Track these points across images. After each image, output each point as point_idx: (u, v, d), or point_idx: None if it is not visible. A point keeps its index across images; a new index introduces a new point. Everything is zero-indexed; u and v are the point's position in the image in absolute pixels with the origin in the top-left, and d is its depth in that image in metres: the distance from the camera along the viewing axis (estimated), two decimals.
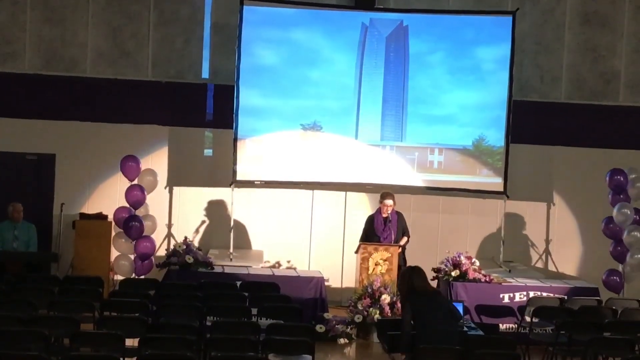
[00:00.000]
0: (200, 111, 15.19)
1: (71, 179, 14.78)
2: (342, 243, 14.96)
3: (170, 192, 14.99)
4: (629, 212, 13.79)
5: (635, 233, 13.78)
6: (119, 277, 13.48)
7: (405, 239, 13.62)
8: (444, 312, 9.29)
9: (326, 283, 13.48)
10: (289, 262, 14.68)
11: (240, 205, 14.94)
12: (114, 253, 13.92)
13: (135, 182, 13.83)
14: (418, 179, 14.85)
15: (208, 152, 15.28)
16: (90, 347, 9.37)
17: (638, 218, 13.86)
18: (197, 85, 15.17)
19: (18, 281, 11.81)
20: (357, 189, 15.04)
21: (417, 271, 9.62)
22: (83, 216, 14.32)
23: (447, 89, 14.82)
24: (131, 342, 9.46)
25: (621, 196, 14.00)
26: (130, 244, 13.62)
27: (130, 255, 13.67)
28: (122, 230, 13.60)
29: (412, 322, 9.30)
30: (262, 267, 14.02)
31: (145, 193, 13.83)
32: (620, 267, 13.97)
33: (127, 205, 13.66)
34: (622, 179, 13.98)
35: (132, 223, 13.59)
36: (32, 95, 14.90)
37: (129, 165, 13.82)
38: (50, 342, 9.23)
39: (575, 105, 15.51)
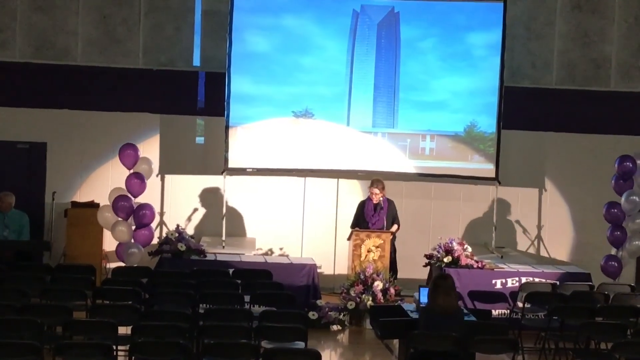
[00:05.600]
0: (191, 99, 15.16)
1: (63, 167, 14.76)
2: (335, 230, 14.97)
3: (162, 180, 14.97)
4: (637, 200, 13.75)
5: None
6: (111, 265, 13.47)
7: (395, 226, 13.63)
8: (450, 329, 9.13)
9: (319, 270, 13.49)
10: (281, 249, 14.69)
11: (232, 192, 14.93)
12: (108, 242, 13.89)
13: (132, 170, 13.77)
14: (410, 166, 14.86)
15: (200, 139, 15.26)
16: (83, 335, 9.38)
17: None
18: (188, 72, 15.14)
19: (10, 270, 11.79)
20: (349, 176, 15.03)
21: (444, 286, 9.19)
22: (75, 204, 14.31)
23: (438, 75, 14.81)
24: (124, 330, 9.46)
25: (627, 182, 13.93)
26: (130, 232, 13.52)
27: (137, 244, 13.56)
28: (121, 219, 13.51)
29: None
30: (254, 255, 14.02)
31: (146, 181, 13.78)
32: (615, 252, 13.96)
33: (127, 193, 13.58)
34: (630, 165, 13.90)
35: (142, 212, 13.51)
36: (22, 84, 14.86)
37: (127, 153, 13.75)
38: (43, 330, 9.21)
39: (566, 91, 15.52)
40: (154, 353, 8.56)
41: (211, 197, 14.98)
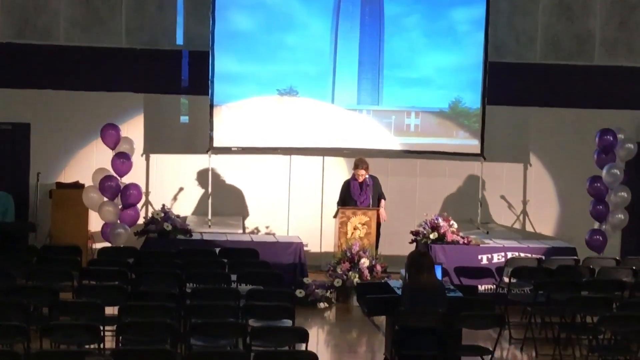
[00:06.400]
0: (175, 78, 15.10)
1: (46, 148, 14.69)
2: (321, 208, 14.97)
3: (147, 159, 14.92)
4: (618, 173, 13.80)
5: (622, 193, 13.83)
6: (97, 246, 13.44)
7: (383, 202, 13.65)
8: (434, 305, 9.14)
9: (305, 248, 13.49)
10: (267, 227, 14.70)
11: (218, 171, 14.91)
12: (94, 222, 13.86)
13: (115, 150, 13.71)
14: (395, 143, 14.85)
15: (184, 119, 15.21)
16: (69, 316, 9.36)
17: (625, 179, 13.89)
18: (171, 51, 15.06)
19: None
20: (335, 154, 15.02)
21: (426, 263, 9.21)
22: (60, 185, 14.26)
23: (422, 51, 14.79)
24: (111, 311, 9.46)
25: (608, 156, 13.99)
26: (117, 212, 13.48)
27: (124, 224, 13.51)
28: (107, 199, 13.46)
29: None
30: (240, 234, 14.01)
31: (132, 160, 13.73)
32: (598, 226, 14.02)
33: (112, 173, 13.52)
34: (611, 138, 13.95)
35: (128, 192, 13.46)
36: (5, 64, 14.75)
37: (109, 133, 13.70)
38: (29, 311, 9.21)
39: (550, 66, 15.52)
40: (141, 333, 8.56)
41: (196, 177, 14.96)
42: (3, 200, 13.76)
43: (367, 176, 13.52)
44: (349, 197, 13.55)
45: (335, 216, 13.47)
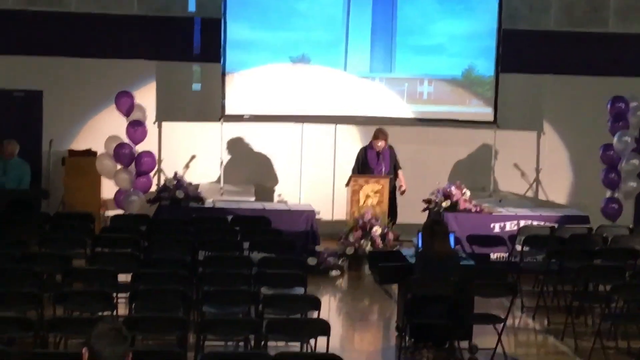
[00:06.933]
0: (187, 45, 15.06)
1: (59, 115, 14.69)
2: (333, 176, 14.95)
3: (159, 127, 14.92)
4: (629, 140, 13.74)
5: (634, 161, 13.78)
6: (109, 213, 13.47)
7: (400, 172, 13.62)
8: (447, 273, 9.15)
9: (317, 216, 13.48)
10: (279, 196, 14.69)
11: (230, 139, 14.90)
12: (106, 189, 13.89)
13: (129, 117, 13.70)
14: (408, 111, 14.81)
15: (196, 86, 15.19)
16: (82, 283, 9.39)
17: (637, 146, 13.83)
18: (183, 18, 15.02)
19: (8, 218, 11.77)
20: (347, 122, 14.98)
21: (440, 232, 9.22)
22: (72, 153, 14.27)
23: (436, 18, 14.71)
24: (123, 278, 9.48)
25: (620, 124, 13.92)
26: (132, 180, 13.49)
27: (137, 191, 13.53)
28: (121, 167, 13.48)
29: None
30: (252, 202, 14.01)
31: (146, 128, 13.73)
32: (611, 194, 13.97)
33: (125, 141, 13.52)
34: (623, 106, 13.88)
35: (143, 159, 13.47)
36: (17, 32, 14.73)
37: (123, 100, 13.68)
38: (42, 278, 9.24)
39: (564, 33, 15.42)
40: (154, 300, 8.58)
41: (209, 144, 14.94)
42: (19, 167, 13.70)
43: (385, 146, 13.49)
44: (365, 166, 13.51)
45: (347, 184, 13.45)
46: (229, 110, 14.46)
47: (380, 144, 13.43)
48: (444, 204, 13.04)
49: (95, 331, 4.59)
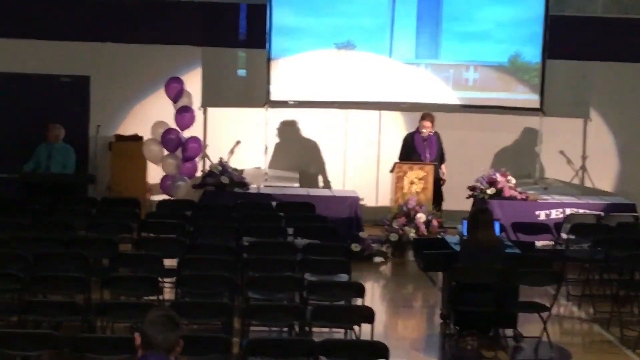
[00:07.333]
0: (233, 31, 15.09)
1: (106, 100, 14.80)
2: (377, 162, 14.94)
3: (205, 113, 14.98)
4: None
5: None
6: (155, 198, 13.57)
7: (444, 165, 13.55)
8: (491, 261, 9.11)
9: (361, 202, 13.49)
10: (323, 181, 14.70)
11: (275, 125, 14.94)
12: (152, 174, 13.98)
13: (177, 103, 13.78)
14: (453, 97, 14.74)
15: (242, 72, 15.22)
16: (129, 268, 9.47)
17: None
18: (229, 4, 15.04)
19: (54, 203, 11.86)
20: (392, 108, 14.95)
21: (484, 220, 9.20)
22: (119, 138, 14.38)
23: (482, 4, 14.62)
24: (169, 263, 9.55)
25: None
26: (179, 165, 13.58)
27: (184, 176, 13.62)
28: (169, 152, 13.57)
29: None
30: (297, 187, 14.04)
31: (194, 114, 13.80)
32: None
33: (171, 126, 13.59)
34: None
35: (190, 145, 13.57)
36: (65, 17, 14.83)
37: (172, 86, 13.76)
38: (89, 263, 9.33)
39: (612, 19, 15.26)
40: (199, 286, 8.65)
41: (253, 130, 14.97)
42: (64, 151, 13.78)
43: (431, 131, 13.44)
44: (412, 152, 13.45)
45: (391, 170, 13.42)
46: (273, 96, 14.49)
47: (427, 124, 13.34)
48: (489, 191, 12.97)
49: (148, 317, 4.64)
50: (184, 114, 13.61)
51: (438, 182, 13.44)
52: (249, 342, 7.07)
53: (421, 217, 12.83)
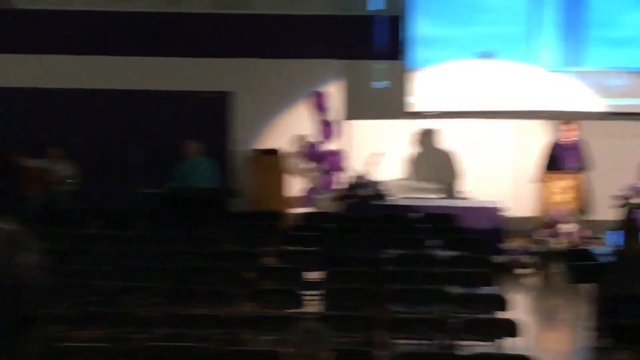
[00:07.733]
0: (372, 43, 15.08)
1: (247, 115, 14.97)
2: (519, 171, 14.68)
3: (346, 125, 14.98)
4: None
5: None
6: (295, 211, 13.65)
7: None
8: None
9: (504, 212, 13.27)
10: (466, 192, 14.54)
11: (415, 136, 14.86)
12: (293, 187, 14.09)
13: (320, 117, 13.89)
14: (599, 104, 14.39)
15: (381, 84, 15.20)
16: (273, 281, 9.53)
17: None
18: (367, 17, 15.04)
19: (200, 217, 12.04)
20: (534, 116, 14.68)
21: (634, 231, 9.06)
22: (260, 151, 14.54)
23: (628, 8, 14.23)
24: (312, 276, 9.58)
25: None
26: (321, 178, 13.69)
27: (326, 189, 13.73)
28: (311, 165, 13.68)
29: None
30: (439, 199, 13.93)
31: (335, 126, 13.90)
32: None
33: (314, 139, 13.69)
34: None
35: (332, 157, 13.70)
36: (206, 35, 15.08)
37: (315, 99, 13.91)
38: (235, 276, 9.43)
39: None
40: (344, 298, 8.65)
41: (394, 141, 14.92)
42: (202, 166, 13.88)
43: (575, 139, 13.13)
44: (555, 159, 13.17)
45: (536, 180, 13.17)
46: (414, 107, 14.42)
47: (572, 127, 13.04)
48: (635, 201, 12.59)
49: (298, 330, 4.70)
50: (326, 127, 13.72)
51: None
52: (397, 356, 7.02)
53: (567, 227, 12.54)
